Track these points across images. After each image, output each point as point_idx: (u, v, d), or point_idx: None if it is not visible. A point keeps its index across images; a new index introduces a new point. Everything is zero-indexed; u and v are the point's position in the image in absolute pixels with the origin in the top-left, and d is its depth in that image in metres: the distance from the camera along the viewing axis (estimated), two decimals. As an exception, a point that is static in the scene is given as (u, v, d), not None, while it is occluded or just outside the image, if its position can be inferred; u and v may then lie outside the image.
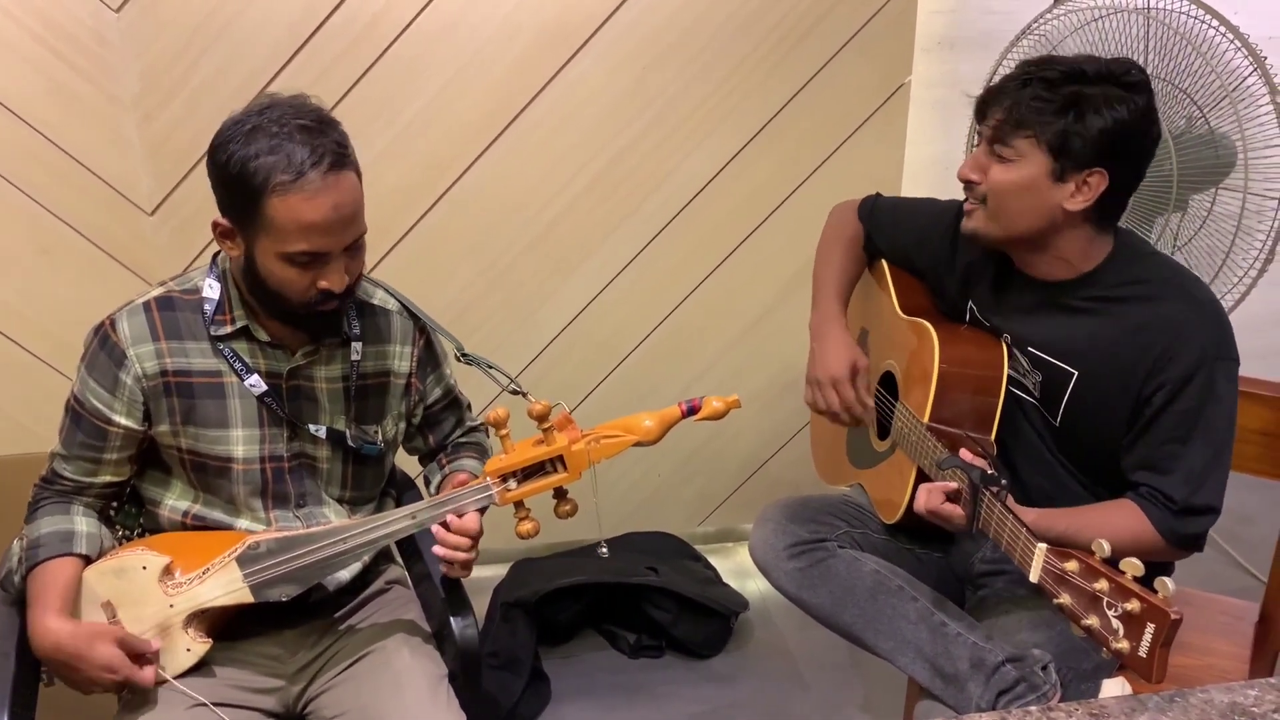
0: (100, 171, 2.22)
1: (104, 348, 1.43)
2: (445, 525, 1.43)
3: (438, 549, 1.44)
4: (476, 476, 1.49)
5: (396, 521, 1.43)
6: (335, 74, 2.25)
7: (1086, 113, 1.47)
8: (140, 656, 1.39)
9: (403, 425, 1.63)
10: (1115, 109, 1.47)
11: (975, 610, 1.68)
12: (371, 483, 1.62)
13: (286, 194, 1.30)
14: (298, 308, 1.40)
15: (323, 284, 1.37)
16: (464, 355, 1.60)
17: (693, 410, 1.42)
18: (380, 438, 1.58)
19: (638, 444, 1.42)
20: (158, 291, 1.47)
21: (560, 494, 1.44)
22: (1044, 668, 1.50)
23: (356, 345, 1.52)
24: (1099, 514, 1.55)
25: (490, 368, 1.58)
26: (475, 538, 1.44)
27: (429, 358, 1.64)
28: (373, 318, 1.56)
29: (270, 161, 1.30)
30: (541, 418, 1.39)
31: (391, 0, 2.22)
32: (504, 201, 2.43)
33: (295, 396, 1.50)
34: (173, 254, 2.30)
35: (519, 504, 1.44)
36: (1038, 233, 1.56)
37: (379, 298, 1.58)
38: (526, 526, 1.44)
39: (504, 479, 1.42)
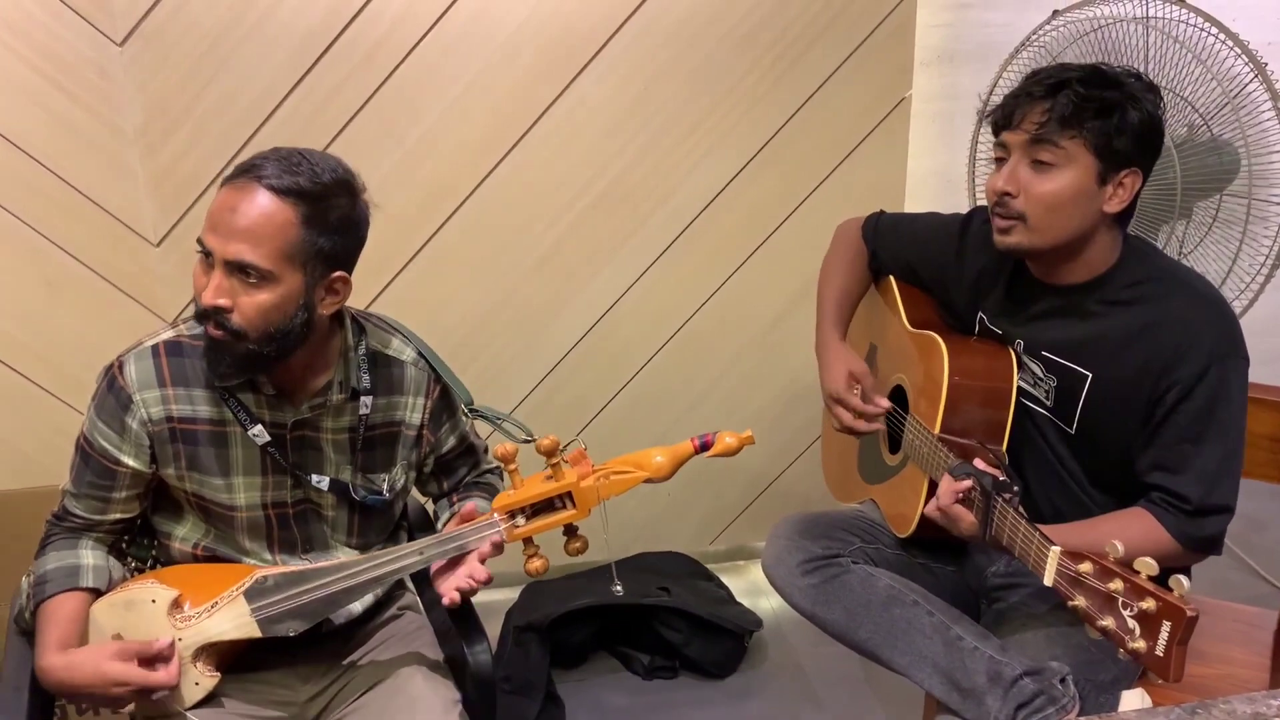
0: (105, 204, 2.23)
1: (112, 390, 1.43)
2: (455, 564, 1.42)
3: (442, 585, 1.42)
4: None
5: (404, 558, 1.41)
6: (339, 101, 2.27)
7: (1127, 112, 1.48)
8: (154, 659, 1.38)
9: (412, 474, 1.62)
10: (1143, 107, 1.49)
11: (991, 624, 1.67)
12: (379, 529, 1.61)
13: (223, 184, 1.36)
14: (198, 317, 1.38)
15: None
16: (472, 410, 1.59)
17: (705, 446, 1.39)
18: (387, 487, 1.56)
19: (648, 480, 1.40)
20: (168, 335, 1.46)
21: (570, 530, 1.42)
22: (1062, 680, 1.48)
23: (366, 399, 1.50)
24: (1112, 524, 1.54)
25: (499, 420, 1.55)
26: (484, 583, 1.43)
27: (443, 409, 1.60)
28: (386, 369, 1.54)
29: (239, 164, 1.37)
30: (550, 453, 1.37)
31: (393, 26, 2.23)
32: (510, 221, 2.44)
33: (300, 446, 1.49)
34: (179, 285, 2.31)
35: (528, 541, 1.42)
36: (1077, 238, 1.56)
37: (394, 347, 1.56)
38: (535, 565, 1.41)
39: (512, 515, 1.40)
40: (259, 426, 1.44)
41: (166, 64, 2.17)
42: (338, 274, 1.40)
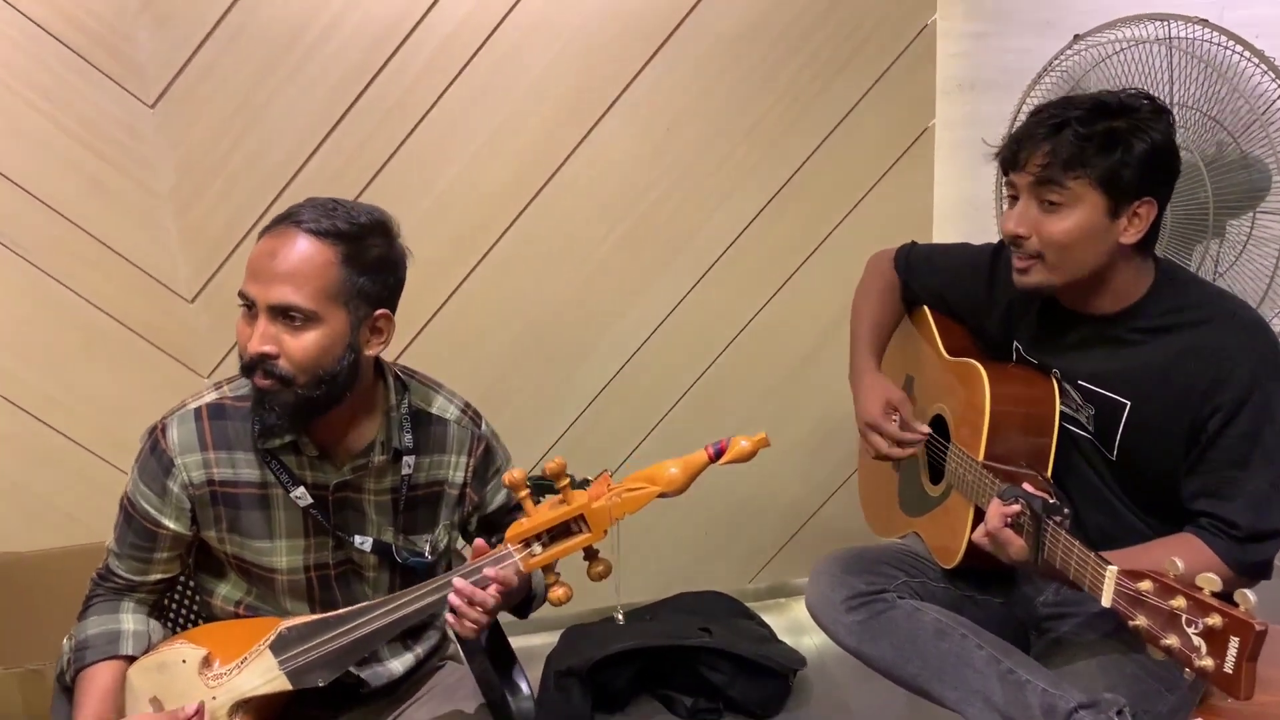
0: (139, 261, 2.26)
1: (154, 453, 1.44)
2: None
3: (455, 598, 1.36)
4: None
5: (424, 596, 1.39)
6: (367, 153, 2.30)
7: (1132, 144, 1.47)
8: None
9: (455, 534, 1.60)
10: (1151, 135, 1.48)
11: (1043, 655, 1.64)
12: None
13: (261, 235, 1.37)
14: (244, 370, 1.38)
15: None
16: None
17: (720, 453, 1.34)
18: (429, 549, 1.55)
19: (663, 494, 1.34)
20: (211, 397, 1.46)
21: (591, 554, 1.37)
22: (1119, 712, 1.45)
23: (409, 459, 1.49)
24: (1160, 550, 1.51)
25: (541, 480, 1.53)
26: (506, 592, 1.37)
27: (486, 466, 1.59)
28: (429, 427, 1.53)
29: (276, 216, 1.38)
30: (557, 476, 1.33)
31: (419, 78, 2.27)
32: (538, 264, 2.45)
33: (342, 508, 1.49)
34: (213, 339, 2.33)
35: (548, 569, 1.38)
36: (1097, 272, 1.55)
37: (437, 405, 1.55)
38: (559, 593, 1.37)
39: (527, 544, 1.37)
40: (301, 488, 1.44)
41: (197, 124, 2.21)
42: (381, 312, 1.41)
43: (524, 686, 1.56)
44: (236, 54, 2.19)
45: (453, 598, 1.36)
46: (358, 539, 1.49)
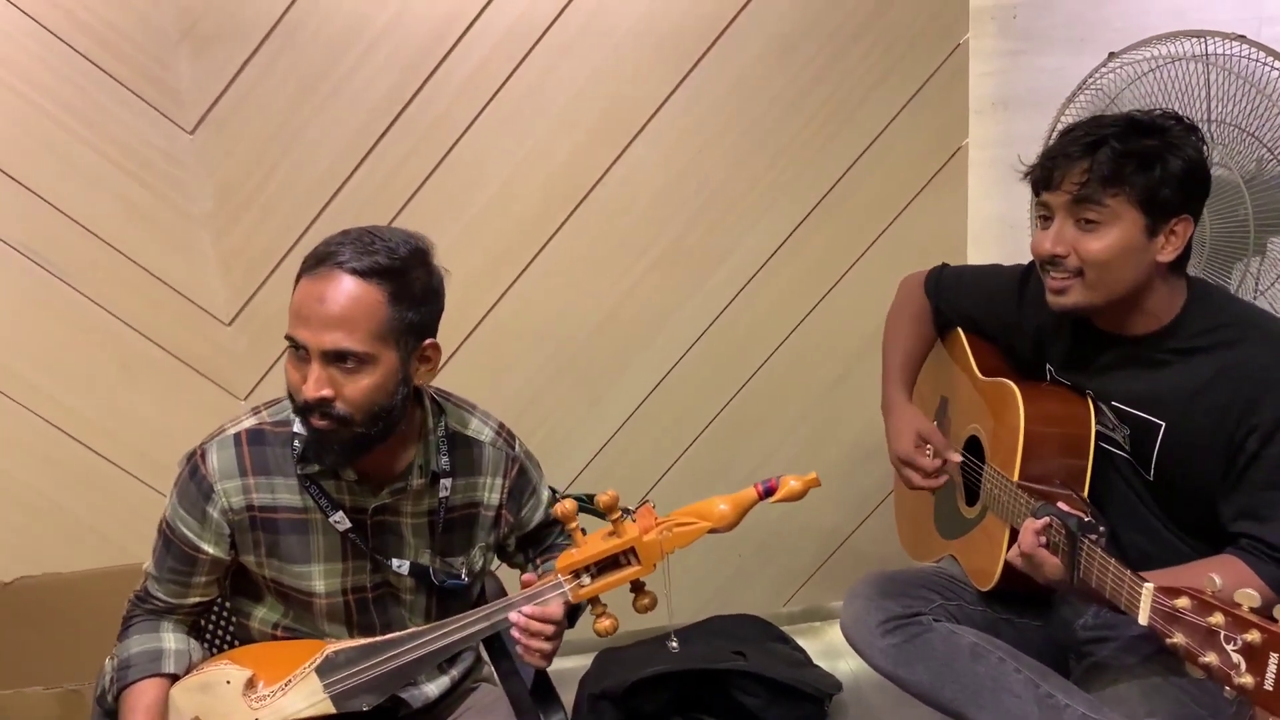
0: (177, 285, 2.29)
1: (194, 479, 1.45)
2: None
3: (516, 633, 1.39)
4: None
5: (472, 624, 1.40)
6: (403, 174, 2.32)
7: (1169, 161, 1.46)
8: None
9: (491, 555, 1.61)
10: (1185, 153, 1.47)
11: (1083, 680, 1.62)
12: (457, 613, 1.58)
13: (301, 276, 1.36)
14: (299, 412, 1.38)
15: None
16: (555, 494, 1.59)
17: (769, 491, 1.35)
18: (465, 571, 1.55)
19: (713, 530, 1.36)
20: (250, 423, 1.47)
21: (638, 586, 1.39)
22: (1161, 738, 1.43)
23: (446, 482, 1.50)
24: (1200, 570, 1.49)
25: (588, 500, 1.54)
26: (556, 623, 1.40)
27: (521, 487, 1.59)
28: (465, 449, 1.53)
29: (312, 253, 1.37)
30: (610, 509, 1.34)
31: (454, 100, 2.29)
32: (570, 286, 2.46)
33: (380, 531, 1.49)
34: (251, 363, 2.36)
35: (595, 600, 1.39)
36: (1134, 291, 1.53)
37: (472, 427, 1.56)
38: (604, 624, 1.38)
39: (576, 575, 1.37)
40: (340, 513, 1.45)
41: (235, 149, 2.24)
42: (429, 341, 1.41)
43: (559, 710, 1.55)
44: (274, 80, 2.22)
45: (515, 633, 1.38)
46: (395, 562, 1.49)
